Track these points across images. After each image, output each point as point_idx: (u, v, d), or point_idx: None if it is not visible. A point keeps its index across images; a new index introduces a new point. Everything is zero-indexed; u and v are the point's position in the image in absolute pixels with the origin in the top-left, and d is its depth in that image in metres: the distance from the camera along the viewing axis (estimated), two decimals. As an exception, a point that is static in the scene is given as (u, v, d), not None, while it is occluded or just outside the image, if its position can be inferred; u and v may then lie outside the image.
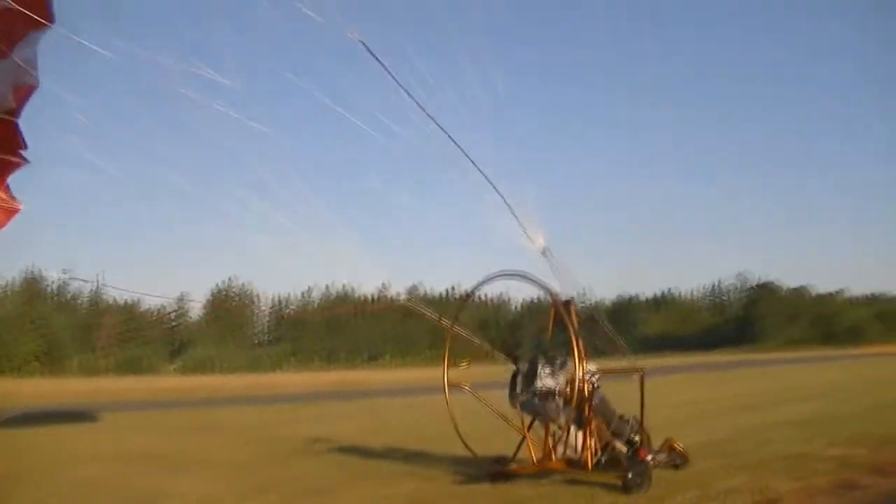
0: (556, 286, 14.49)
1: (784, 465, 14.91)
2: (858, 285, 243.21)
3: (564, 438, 14.06)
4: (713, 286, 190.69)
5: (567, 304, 14.30)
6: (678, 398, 33.30)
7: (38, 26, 12.17)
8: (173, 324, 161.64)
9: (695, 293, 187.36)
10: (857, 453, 15.78)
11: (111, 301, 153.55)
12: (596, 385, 13.91)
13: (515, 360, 14.61)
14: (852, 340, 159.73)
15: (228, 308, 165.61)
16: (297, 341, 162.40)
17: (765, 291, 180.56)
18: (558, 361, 13.77)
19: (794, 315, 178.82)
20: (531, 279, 14.63)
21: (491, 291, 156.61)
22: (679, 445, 14.80)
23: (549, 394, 13.53)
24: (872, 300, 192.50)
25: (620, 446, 14.18)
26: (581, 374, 13.35)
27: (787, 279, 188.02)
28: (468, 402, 16.05)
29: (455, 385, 15.93)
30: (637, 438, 14.22)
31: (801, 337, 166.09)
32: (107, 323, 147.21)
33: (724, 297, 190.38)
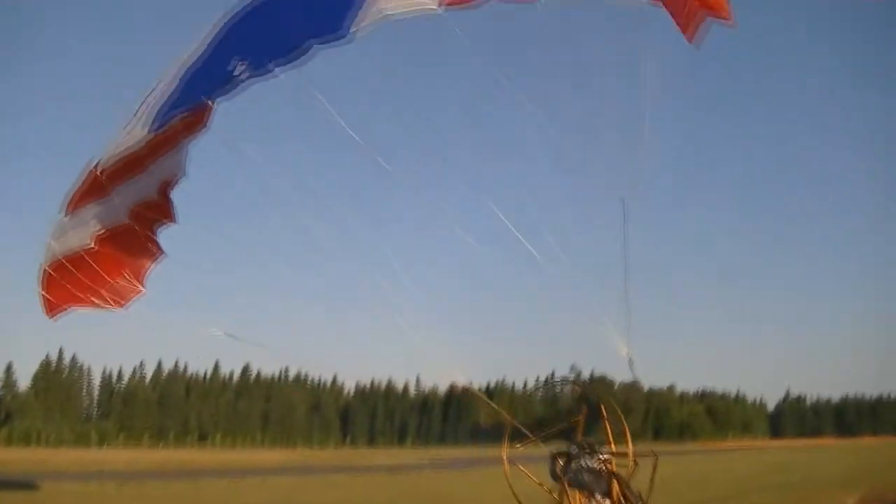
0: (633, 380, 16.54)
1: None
2: (688, 381, 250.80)
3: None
4: (546, 378, 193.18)
5: (599, 405, 16.58)
6: (500, 491, 33.59)
7: (197, 135, 13.45)
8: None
9: (528, 384, 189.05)
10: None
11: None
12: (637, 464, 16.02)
13: (568, 445, 16.60)
14: (683, 436, 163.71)
15: (58, 380, 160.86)
16: (127, 417, 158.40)
17: (598, 384, 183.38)
18: (597, 445, 15.84)
19: (626, 409, 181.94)
20: (581, 385, 17.21)
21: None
22: None
23: (591, 471, 15.50)
24: (703, 396, 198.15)
25: None
26: (614, 456, 15.45)
27: (620, 373, 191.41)
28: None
29: (511, 461, 17.81)
30: None
31: (633, 431, 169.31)
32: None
33: (556, 389, 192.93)
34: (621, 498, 16.66)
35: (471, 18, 11.30)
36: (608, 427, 16.42)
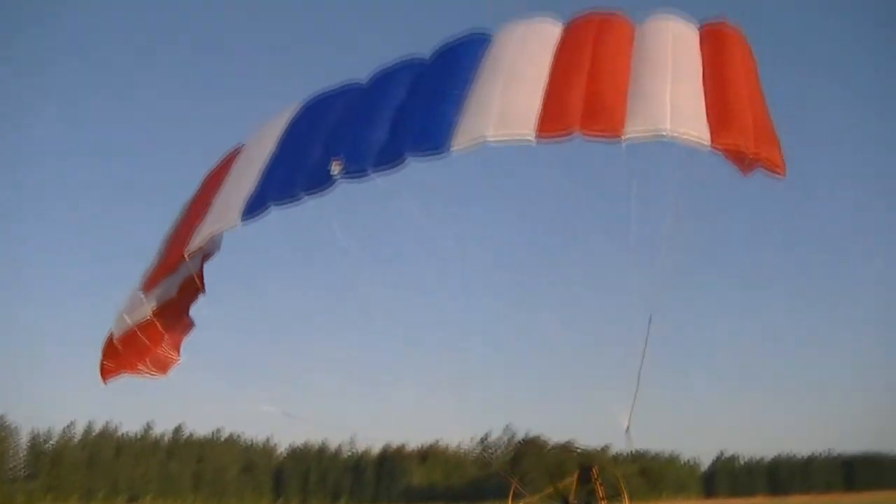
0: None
1: None
2: (621, 442, 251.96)
3: None
4: (481, 439, 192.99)
5: (592, 468, 20.56)
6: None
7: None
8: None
9: (462, 445, 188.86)
10: None
11: None
12: None
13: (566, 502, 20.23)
14: (616, 497, 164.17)
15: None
16: (54, 478, 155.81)
17: (531, 446, 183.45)
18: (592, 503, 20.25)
19: (559, 472, 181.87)
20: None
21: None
22: None
23: None
24: (637, 457, 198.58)
25: None
26: None
27: (554, 434, 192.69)
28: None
29: None
30: None
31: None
32: None
33: (490, 451, 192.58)
34: None
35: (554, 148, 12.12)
36: (598, 487, 18.34)
